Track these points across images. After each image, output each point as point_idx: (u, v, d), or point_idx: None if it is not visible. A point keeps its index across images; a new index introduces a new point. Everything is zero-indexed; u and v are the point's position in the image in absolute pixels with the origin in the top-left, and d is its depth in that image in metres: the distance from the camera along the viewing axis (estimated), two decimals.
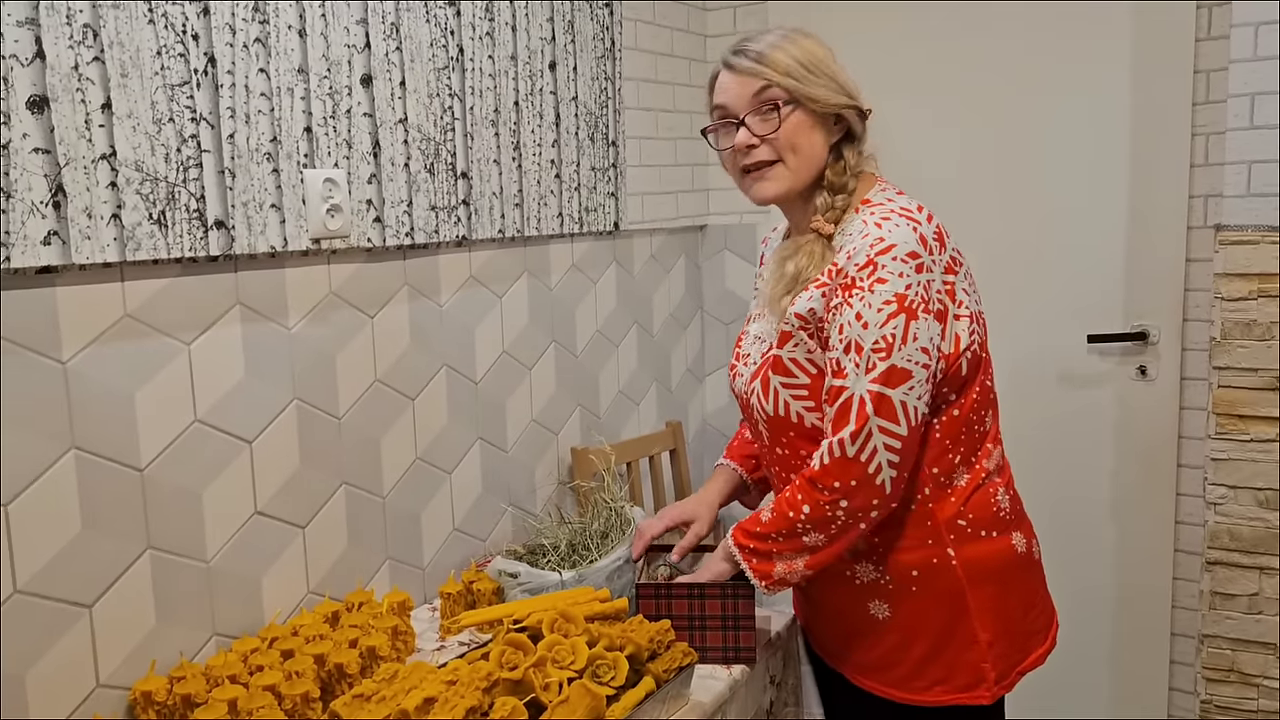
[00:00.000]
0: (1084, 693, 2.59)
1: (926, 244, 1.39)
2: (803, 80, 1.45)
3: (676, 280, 2.77)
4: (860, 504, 1.39)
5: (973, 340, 1.45)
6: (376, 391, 1.83)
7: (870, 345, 1.35)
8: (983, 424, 1.51)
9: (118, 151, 1.38)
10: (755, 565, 1.47)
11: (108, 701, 1.42)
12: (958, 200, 2.60)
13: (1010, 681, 1.52)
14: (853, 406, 1.36)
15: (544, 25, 2.16)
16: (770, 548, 1.46)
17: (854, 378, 1.36)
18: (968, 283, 1.47)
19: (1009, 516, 1.52)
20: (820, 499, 1.39)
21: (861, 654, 1.55)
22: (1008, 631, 1.50)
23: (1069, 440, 2.53)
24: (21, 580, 1.32)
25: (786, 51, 1.46)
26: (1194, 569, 2.36)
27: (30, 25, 1.27)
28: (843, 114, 1.48)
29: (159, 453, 1.47)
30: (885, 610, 1.49)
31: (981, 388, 1.49)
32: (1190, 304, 2.34)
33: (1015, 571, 1.52)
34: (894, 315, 1.35)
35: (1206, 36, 2.23)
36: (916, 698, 1.50)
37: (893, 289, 1.35)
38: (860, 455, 1.36)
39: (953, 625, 1.47)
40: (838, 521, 1.40)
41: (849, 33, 2.66)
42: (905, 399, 1.36)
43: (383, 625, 1.60)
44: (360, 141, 1.74)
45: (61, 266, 1.33)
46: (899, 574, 1.48)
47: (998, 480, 1.52)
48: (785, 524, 1.43)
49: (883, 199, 1.47)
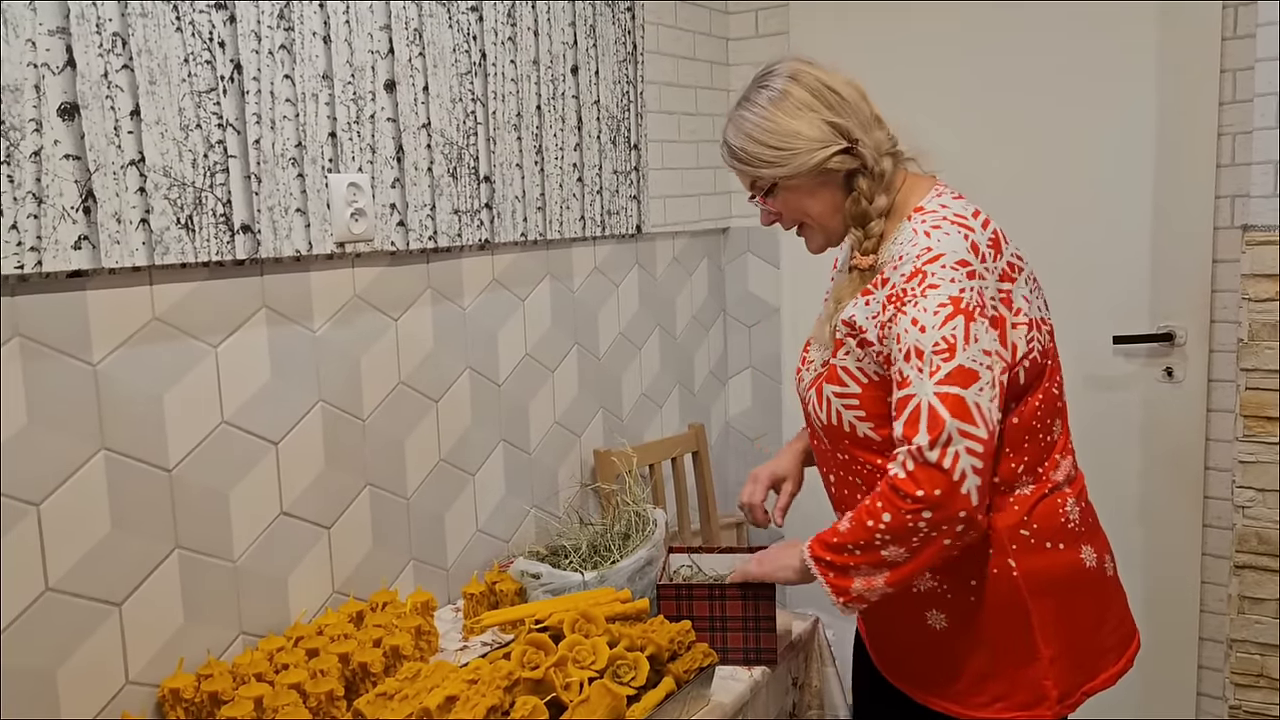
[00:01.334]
0: (1111, 698, 2.55)
1: (979, 251, 1.35)
2: (771, 164, 1.42)
3: (699, 283, 2.77)
4: (945, 515, 1.29)
5: (1031, 348, 1.39)
6: (400, 393, 1.85)
7: (931, 348, 1.29)
8: (1049, 433, 1.45)
9: (146, 157, 1.40)
10: (833, 580, 1.38)
11: (137, 698, 1.44)
12: (982, 201, 2.59)
13: (1074, 702, 1.45)
14: (923, 412, 1.28)
15: (566, 30, 2.17)
16: (847, 560, 1.36)
17: (919, 383, 1.29)
18: (1028, 289, 1.42)
19: (1079, 529, 1.46)
20: (903, 507, 1.30)
21: (919, 666, 1.50)
22: (1073, 648, 1.44)
23: (1095, 442, 2.50)
24: (53, 578, 1.34)
25: (748, 135, 1.43)
26: (1222, 573, 2.34)
27: (61, 34, 1.30)
28: (827, 165, 1.41)
29: (187, 453, 1.49)
30: (943, 620, 1.44)
31: (1046, 395, 1.43)
32: (1217, 305, 2.32)
33: (1083, 586, 1.46)
34: (951, 316, 1.30)
35: (1233, 35, 2.21)
36: (976, 714, 1.44)
37: (946, 293, 1.31)
38: (943, 461, 1.27)
39: (1014, 638, 1.41)
40: (920, 534, 1.30)
41: (868, 35, 2.65)
42: (979, 400, 1.28)
43: (406, 625, 1.61)
44: (384, 146, 1.76)
45: (92, 270, 1.36)
46: (957, 583, 1.42)
47: (1067, 491, 1.46)
48: (864, 534, 1.33)
49: (936, 205, 1.42)
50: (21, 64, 1.26)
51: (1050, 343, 1.46)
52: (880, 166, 1.42)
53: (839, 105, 1.41)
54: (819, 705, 1.74)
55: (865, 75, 2.73)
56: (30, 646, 1.32)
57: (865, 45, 2.67)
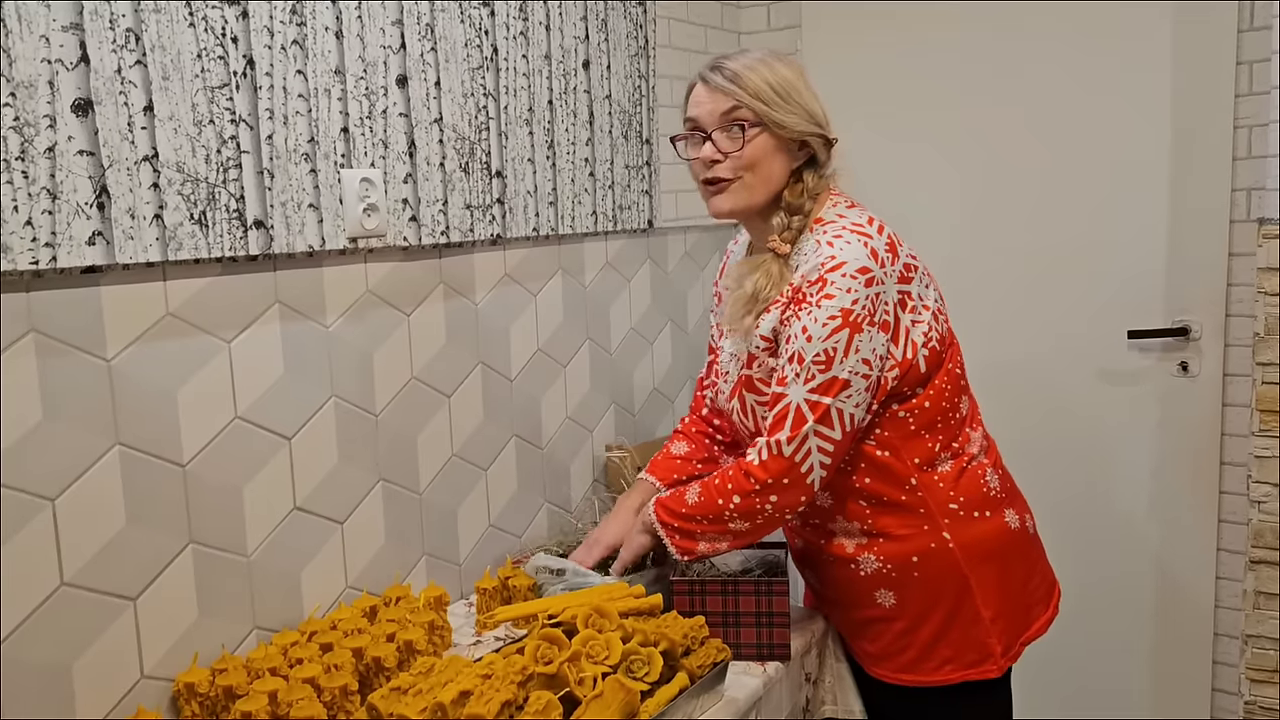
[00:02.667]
0: (1125, 694, 2.56)
1: (878, 257, 1.46)
2: (772, 105, 1.50)
3: (711, 278, 2.76)
4: (789, 501, 1.48)
5: (930, 338, 1.52)
6: (413, 389, 1.85)
7: (811, 357, 1.43)
8: (957, 410, 1.58)
9: (160, 153, 1.41)
10: (679, 542, 1.56)
11: (151, 693, 1.45)
12: (995, 195, 2.58)
13: (1015, 652, 1.59)
14: (789, 413, 1.45)
15: (578, 24, 2.17)
16: (695, 529, 1.54)
17: (793, 386, 1.45)
18: (923, 284, 1.54)
19: (1000, 495, 1.59)
20: (751, 490, 1.47)
21: (872, 644, 1.62)
22: (1009, 605, 1.58)
23: (1109, 438, 2.50)
24: (68, 573, 1.34)
25: (761, 75, 1.51)
26: (1237, 568, 2.32)
27: (75, 30, 1.30)
28: (808, 140, 1.54)
29: (200, 449, 1.50)
30: (891, 598, 1.57)
31: (949, 376, 1.56)
32: (1233, 299, 2.30)
33: (1011, 547, 1.59)
34: (838, 330, 1.42)
35: (1249, 27, 2.20)
36: (927, 678, 1.57)
37: (839, 304, 1.43)
38: (795, 456, 1.45)
39: (957, 605, 1.54)
40: (764, 514, 1.49)
41: (880, 28, 2.64)
42: (842, 407, 1.44)
43: (420, 620, 1.61)
44: (396, 141, 1.76)
45: (106, 266, 1.36)
46: (900, 562, 1.55)
47: (985, 461, 1.60)
48: (713, 510, 1.51)
49: (834, 216, 1.53)
50: (36, 60, 1.26)
51: (947, 328, 1.58)
52: (830, 171, 1.58)
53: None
54: (833, 701, 1.73)
55: (879, 68, 2.73)
56: (45, 641, 1.32)
57: (878, 38, 2.66)
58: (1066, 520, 2.32)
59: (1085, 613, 2.43)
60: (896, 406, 1.53)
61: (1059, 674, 2.56)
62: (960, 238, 2.60)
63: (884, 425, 1.53)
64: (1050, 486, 1.90)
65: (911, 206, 2.49)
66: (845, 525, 1.59)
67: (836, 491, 1.57)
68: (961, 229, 2.61)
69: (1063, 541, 1.79)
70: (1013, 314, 2.57)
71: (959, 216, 2.61)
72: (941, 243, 2.48)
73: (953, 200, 2.62)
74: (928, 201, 2.61)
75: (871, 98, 2.65)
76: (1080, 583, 1.89)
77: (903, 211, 1.95)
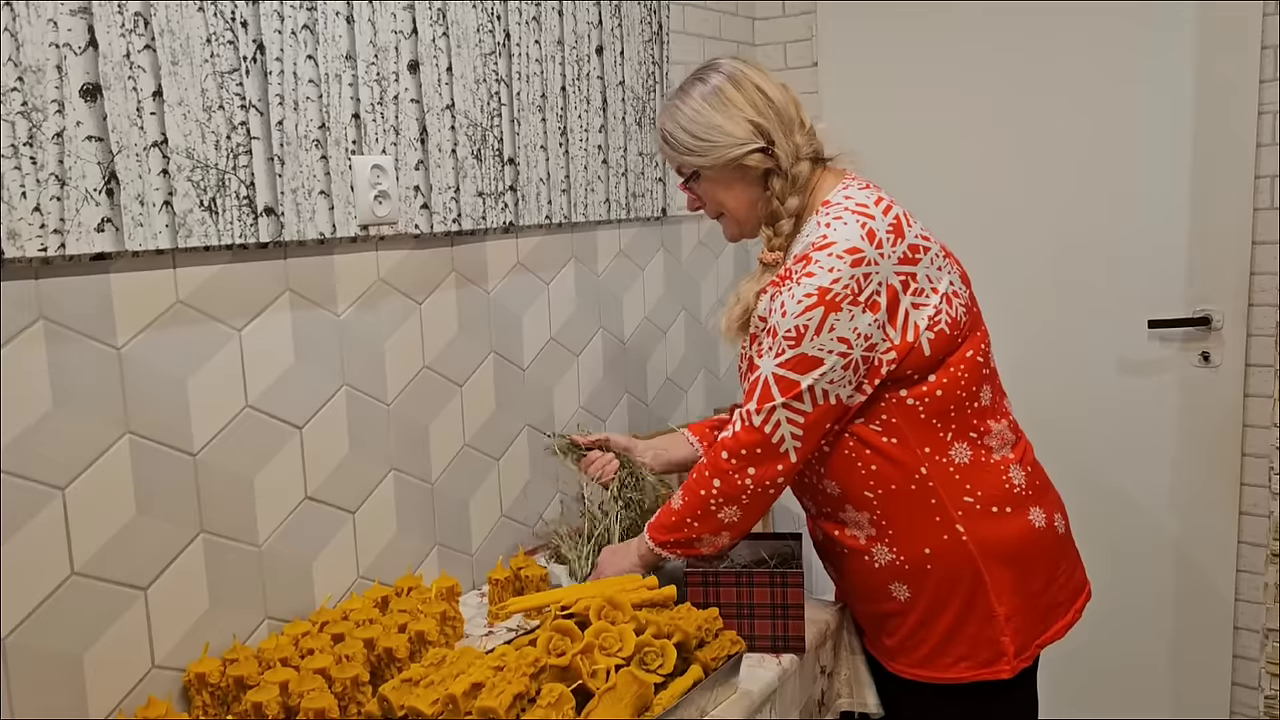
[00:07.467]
0: (1145, 688, 2.53)
1: (875, 238, 1.44)
2: (695, 152, 1.53)
3: (725, 266, 2.74)
4: (767, 472, 1.48)
5: (937, 321, 1.47)
6: (425, 378, 1.83)
7: (783, 333, 1.44)
8: (976, 400, 1.53)
9: (169, 139, 1.39)
10: (683, 553, 1.58)
11: (163, 682, 1.44)
12: (1015, 184, 2.54)
13: (1030, 655, 1.55)
14: (759, 385, 1.46)
15: (591, 10, 2.14)
16: (689, 534, 1.55)
17: (766, 359, 1.46)
18: (934, 266, 1.50)
19: (1025, 492, 1.54)
20: (728, 468, 1.48)
21: (888, 638, 1.60)
22: (1026, 605, 1.53)
23: (1129, 428, 2.47)
24: (79, 563, 1.34)
25: (676, 122, 1.54)
26: (1258, 561, 2.29)
27: (83, 14, 1.29)
28: (743, 161, 1.52)
29: (211, 438, 1.49)
30: (905, 591, 1.54)
31: (968, 363, 1.51)
32: (1255, 288, 2.27)
33: (1034, 547, 1.55)
34: (812, 307, 1.42)
35: (1275, 11, 2.16)
36: (942, 675, 1.54)
37: (817, 283, 1.42)
38: (765, 427, 1.46)
39: (971, 601, 1.51)
40: (748, 491, 1.49)
41: (897, 12, 2.61)
42: (814, 384, 1.44)
43: (431, 610, 1.60)
44: (408, 128, 1.74)
45: (115, 253, 1.35)
46: (912, 554, 1.52)
47: (1009, 455, 1.55)
48: (699, 503, 1.52)
49: (840, 198, 1.51)
50: (43, 44, 1.25)
51: (966, 313, 1.53)
52: (795, 170, 1.52)
53: (765, 108, 1.51)
54: (848, 694, 1.72)
55: (895, 52, 2.70)
56: (56, 631, 1.32)
57: (895, 23, 2.62)
58: (1085, 511, 2.29)
59: (1104, 605, 2.39)
60: (905, 393, 1.49)
61: (1077, 666, 2.54)
62: (980, 226, 2.56)
63: (890, 411, 1.50)
64: (1068, 477, 1.87)
65: (930, 193, 2.45)
66: (855, 516, 1.56)
67: (843, 479, 1.55)
68: (981, 217, 2.58)
69: (1081, 533, 1.76)
70: (1033, 302, 2.54)
71: (978, 204, 2.58)
72: (960, 230, 2.44)
73: (971, 188, 2.59)
74: (947, 188, 2.58)
75: (888, 82, 2.62)
76: (1099, 574, 1.87)
77: (920, 197, 1.92)
